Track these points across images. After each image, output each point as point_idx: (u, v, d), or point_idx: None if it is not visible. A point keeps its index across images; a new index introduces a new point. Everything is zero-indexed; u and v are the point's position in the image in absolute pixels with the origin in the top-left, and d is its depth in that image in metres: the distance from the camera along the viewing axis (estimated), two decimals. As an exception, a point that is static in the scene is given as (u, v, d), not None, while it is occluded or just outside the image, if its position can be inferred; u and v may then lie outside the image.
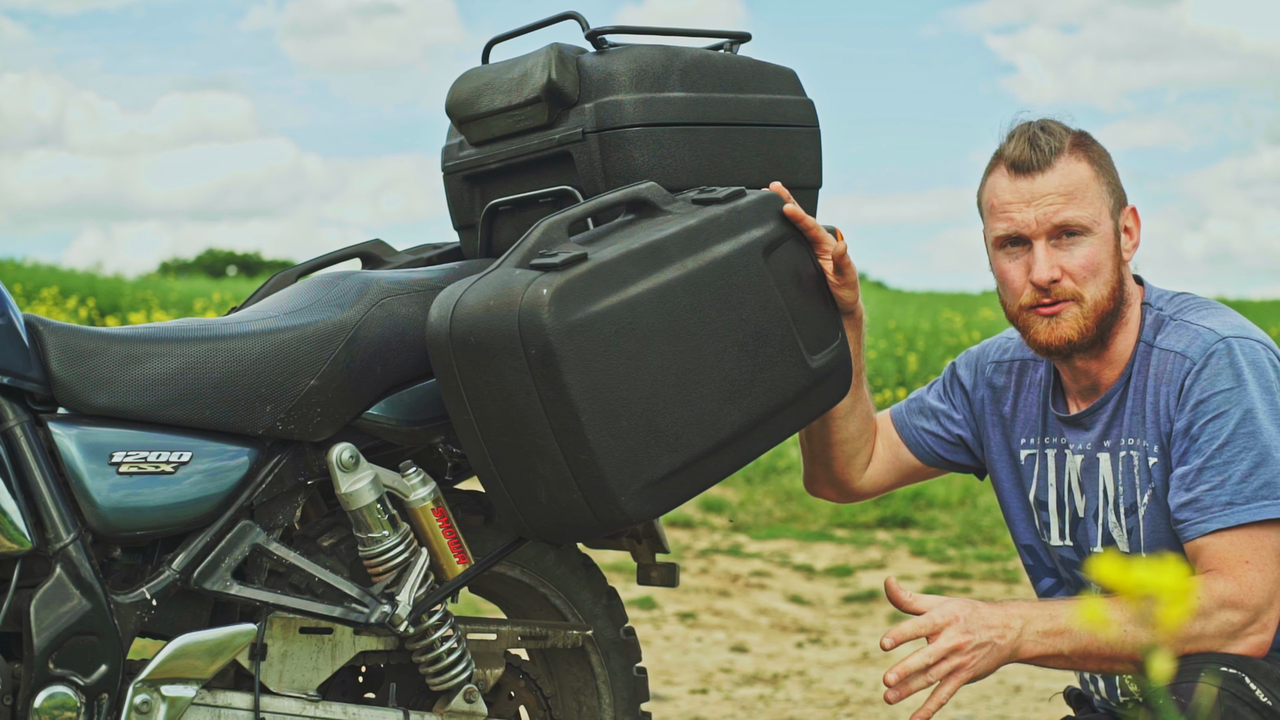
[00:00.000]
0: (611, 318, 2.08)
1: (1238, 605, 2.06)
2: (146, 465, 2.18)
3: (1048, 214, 2.18)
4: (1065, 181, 2.18)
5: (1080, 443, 2.29)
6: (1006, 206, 2.21)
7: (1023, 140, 2.22)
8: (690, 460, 2.15)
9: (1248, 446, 2.10)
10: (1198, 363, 2.15)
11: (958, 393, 2.50)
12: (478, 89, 2.46)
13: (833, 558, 7.17)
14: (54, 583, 2.11)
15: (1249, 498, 2.09)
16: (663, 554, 2.60)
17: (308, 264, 2.67)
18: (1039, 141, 2.20)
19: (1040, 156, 2.19)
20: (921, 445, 2.52)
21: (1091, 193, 2.19)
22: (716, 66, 2.41)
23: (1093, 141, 2.24)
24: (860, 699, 4.73)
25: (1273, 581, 2.08)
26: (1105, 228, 2.20)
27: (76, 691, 2.11)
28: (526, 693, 2.52)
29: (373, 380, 2.27)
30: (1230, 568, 2.08)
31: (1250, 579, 2.07)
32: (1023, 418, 2.40)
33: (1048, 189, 2.18)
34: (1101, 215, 2.20)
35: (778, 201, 2.29)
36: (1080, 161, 2.20)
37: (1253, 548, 2.08)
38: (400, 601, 2.27)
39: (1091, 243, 2.19)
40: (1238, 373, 2.12)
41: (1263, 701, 2.03)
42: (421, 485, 2.32)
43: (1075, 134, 2.23)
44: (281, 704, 2.26)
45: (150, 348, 2.20)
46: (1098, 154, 2.23)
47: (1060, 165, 2.19)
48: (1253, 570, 2.08)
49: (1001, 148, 2.25)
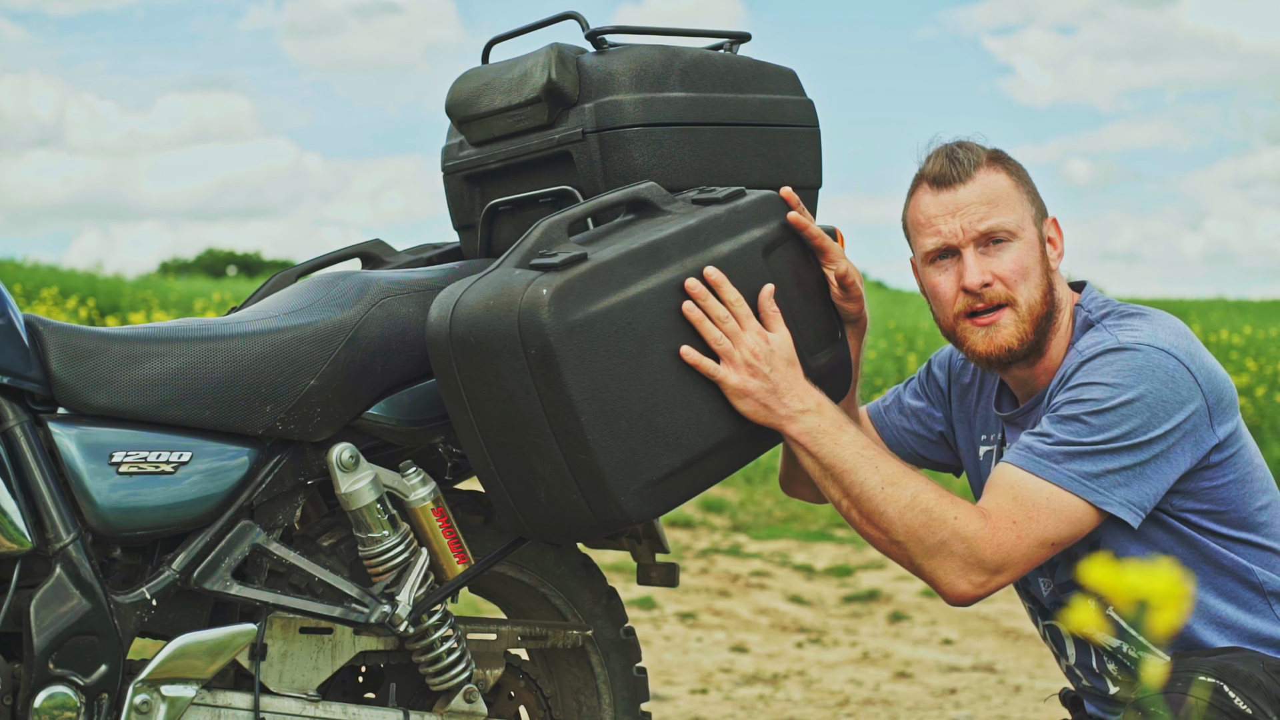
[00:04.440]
0: (611, 318, 2.08)
1: (974, 547, 2.09)
2: (146, 465, 2.18)
3: (973, 221, 2.24)
4: (986, 191, 2.25)
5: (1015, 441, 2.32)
6: (932, 220, 2.27)
7: (940, 157, 2.29)
8: (690, 460, 2.15)
9: (1091, 431, 2.11)
10: (1084, 356, 2.19)
11: (934, 390, 2.55)
12: (478, 89, 2.46)
13: (833, 558, 7.17)
14: (54, 583, 2.11)
15: (1044, 454, 2.12)
16: (663, 554, 2.60)
17: (308, 264, 2.67)
18: (956, 156, 2.27)
19: (960, 170, 2.26)
20: (902, 445, 2.56)
21: (1013, 200, 2.26)
22: (716, 66, 2.41)
23: (1008, 157, 2.31)
24: (860, 699, 4.73)
25: (1018, 555, 2.10)
26: (1030, 234, 2.26)
27: (76, 691, 2.11)
28: (526, 693, 2.52)
29: (373, 380, 2.27)
30: (998, 519, 2.11)
31: (1003, 537, 2.10)
32: (982, 415, 2.46)
33: (970, 198, 2.25)
34: (1025, 222, 2.26)
35: (777, 201, 2.29)
36: (998, 173, 2.27)
37: (1029, 515, 2.10)
38: (400, 601, 2.27)
39: (1018, 247, 2.24)
40: (1119, 370, 2.14)
41: (1241, 709, 2.03)
42: (421, 485, 2.32)
43: (991, 150, 2.30)
44: (281, 704, 2.26)
45: (150, 348, 2.20)
46: (1014, 167, 2.30)
47: (980, 176, 2.26)
48: (1012, 534, 2.10)
49: (921, 168, 2.32)
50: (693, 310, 2.13)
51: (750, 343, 2.14)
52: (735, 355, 2.14)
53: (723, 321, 2.14)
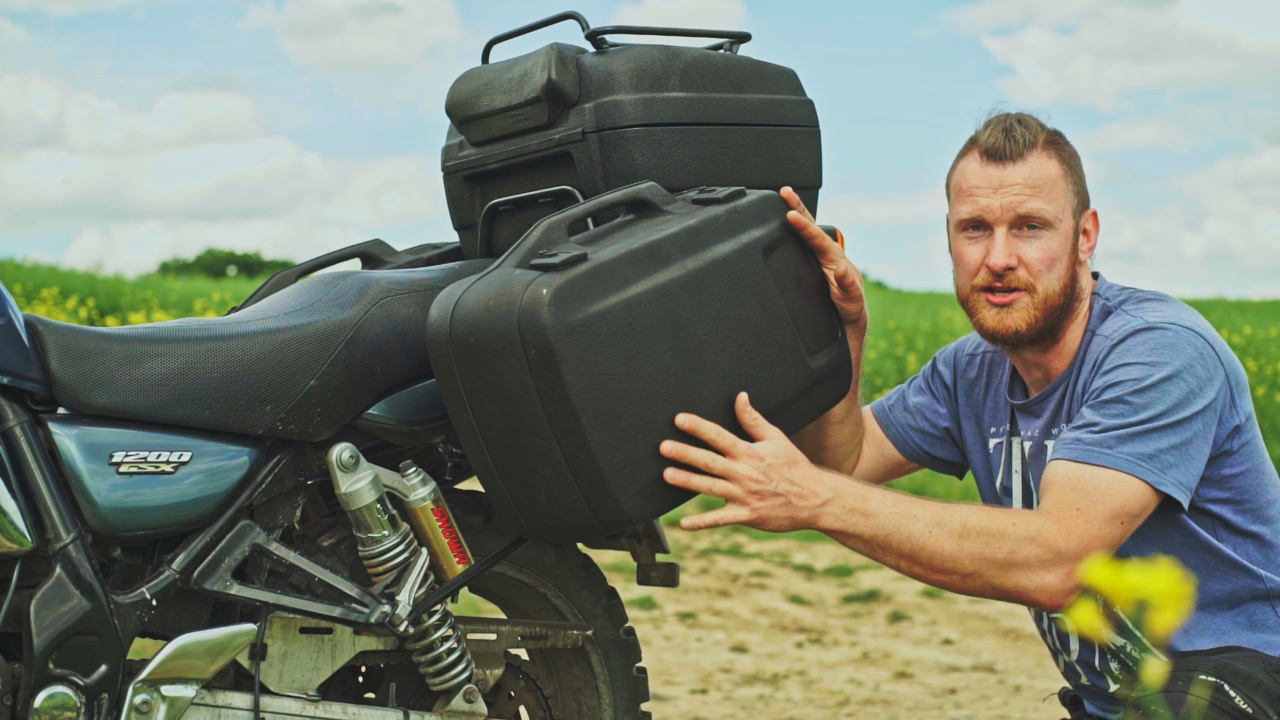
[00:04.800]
0: (611, 318, 2.08)
1: (1046, 544, 2.06)
2: (146, 465, 2.18)
3: (1013, 203, 2.23)
4: (1034, 175, 2.24)
5: (1030, 429, 2.34)
6: (974, 190, 2.27)
7: (998, 129, 2.27)
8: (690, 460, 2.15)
9: (1137, 410, 2.11)
10: (1114, 340, 2.20)
11: (939, 387, 2.55)
12: (478, 89, 2.46)
13: (833, 558, 7.17)
14: (54, 583, 2.11)
15: (1096, 443, 2.11)
16: (663, 554, 2.60)
17: (308, 264, 2.67)
18: (1014, 133, 2.25)
19: (1013, 147, 2.24)
20: (907, 442, 2.57)
21: (1058, 190, 2.24)
22: (716, 66, 2.41)
23: (1065, 142, 2.30)
24: (860, 699, 4.73)
25: (1091, 536, 2.07)
26: (1066, 225, 2.25)
27: (76, 691, 2.11)
28: (526, 693, 2.52)
29: (373, 380, 2.27)
30: (1060, 511, 2.09)
31: (1071, 524, 2.07)
32: (991, 408, 2.45)
33: (1016, 179, 2.24)
34: (1064, 213, 2.25)
35: (777, 201, 2.29)
36: (1051, 159, 2.25)
37: (1091, 498, 2.08)
38: (400, 601, 2.27)
39: (1051, 237, 2.24)
40: (1150, 349, 2.15)
41: (1242, 708, 2.03)
42: (421, 485, 2.32)
43: (1050, 132, 2.28)
44: (281, 704, 2.26)
45: (150, 348, 2.20)
46: (1068, 154, 2.28)
47: (1031, 158, 2.24)
48: (1079, 519, 2.08)
49: (977, 134, 2.31)
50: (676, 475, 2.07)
51: (746, 471, 2.07)
52: (738, 491, 2.08)
53: (711, 465, 2.08)
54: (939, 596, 6.31)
